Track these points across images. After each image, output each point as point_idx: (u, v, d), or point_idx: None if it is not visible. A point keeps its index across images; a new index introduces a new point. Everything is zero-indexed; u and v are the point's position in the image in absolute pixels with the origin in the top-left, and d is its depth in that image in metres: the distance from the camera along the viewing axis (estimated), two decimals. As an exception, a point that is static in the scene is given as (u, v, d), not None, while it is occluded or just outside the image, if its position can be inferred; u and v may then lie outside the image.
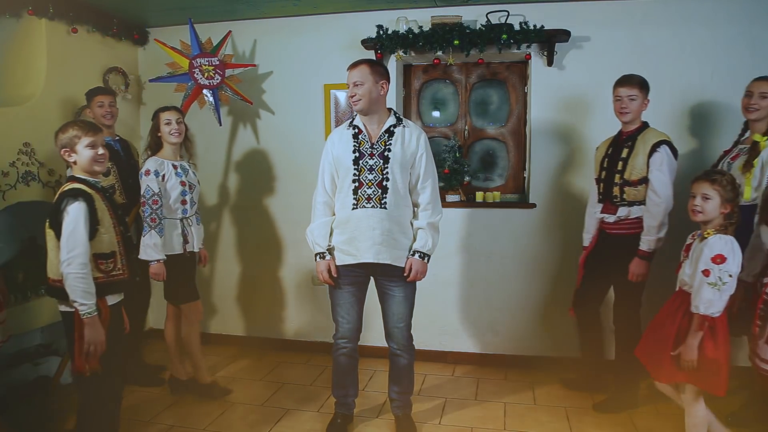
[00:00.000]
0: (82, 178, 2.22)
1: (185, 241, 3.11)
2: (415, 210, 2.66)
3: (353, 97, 2.56)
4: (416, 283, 2.68)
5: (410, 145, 2.60)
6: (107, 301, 2.22)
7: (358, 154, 2.59)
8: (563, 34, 3.38)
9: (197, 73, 3.60)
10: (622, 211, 2.86)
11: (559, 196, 3.59)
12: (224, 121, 3.86)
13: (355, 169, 2.58)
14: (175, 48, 3.64)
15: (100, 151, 2.23)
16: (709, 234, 2.21)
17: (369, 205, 2.56)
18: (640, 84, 2.80)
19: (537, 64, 3.55)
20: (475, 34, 3.40)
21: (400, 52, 3.56)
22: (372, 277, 2.71)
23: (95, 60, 3.74)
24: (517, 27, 3.36)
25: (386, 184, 2.56)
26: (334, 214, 2.68)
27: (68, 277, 2.06)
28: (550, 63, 3.49)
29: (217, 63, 3.62)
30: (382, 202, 2.55)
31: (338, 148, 2.65)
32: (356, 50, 3.62)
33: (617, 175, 2.85)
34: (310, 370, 3.68)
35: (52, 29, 3.38)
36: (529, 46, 3.48)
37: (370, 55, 3.59)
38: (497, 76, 3.86)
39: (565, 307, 3.27)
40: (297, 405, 3.16)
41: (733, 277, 2.13)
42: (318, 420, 2.97)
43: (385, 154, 2.57)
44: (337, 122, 3.79)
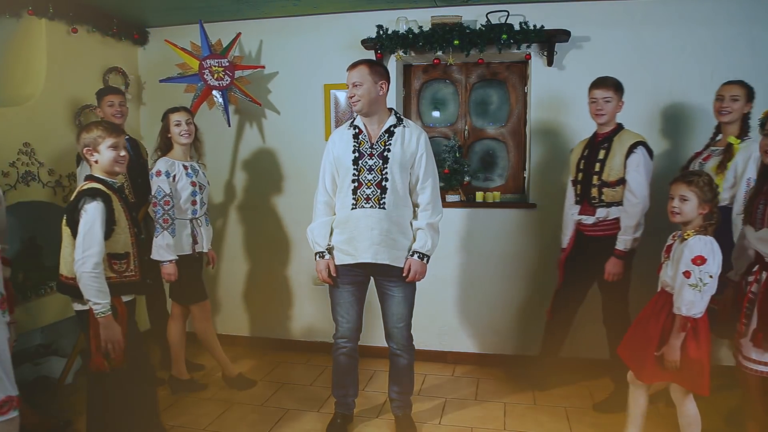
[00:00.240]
0: (101, 178, 2.25)
1: (194, 242, 3.12)
2: (415, 210, 2.66)
3: (352, 97, 2.56)
4: (416, 283, 2.68)
5: (410, 145, 2.60)
6: (122, 299, 2.25)
7: (357, 154, 2.59)
8: (563, 34, 3.38)
9: (207, 74, 3.61)
10: (601, 213, 2.90)
11: (559, 196, 3.55)
12: (223, 121, 3.86)
13: (354, 169, 2.58)
14: (185, 49, 3.65)
15: (122, 153, 2.28)
16: (689, 235, 2.22)
17: (368, 206, 2.56)
18: (615, 86, 2.85)
19: (537, 64, 3.55)
20: (475, 34, 3.40)
21: (400, 52, 3.56)
22: (372, 277, 2.71)
23: (95, 60, 3.74)
24: (517, 27, 3.36)
25: (385, 185, 2.56)
26: (335, 214, 2.68)
27: (82, 277, 2.08)
28: (550, 63, 3.49)
29: (227, 64, 3.63)
30: (381, 202, 2.55)
31: (338, 148, 2.65)
32: (356, 50, 3.62)
33: (595, 177, 2.89)
34: (310, 370, 3.69)
35: (52, 29, 3.38)
36: (529, 46, 3.48)
37: (370, 55, 3.59)
38: (497, 76, 3.85)
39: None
40: (297, 405, 3.17)
41: (713, 278, 2.14)
42: (318, 420, 2.98)
43: (385, 154, 2.57)
44: (337, 122, 3.79)
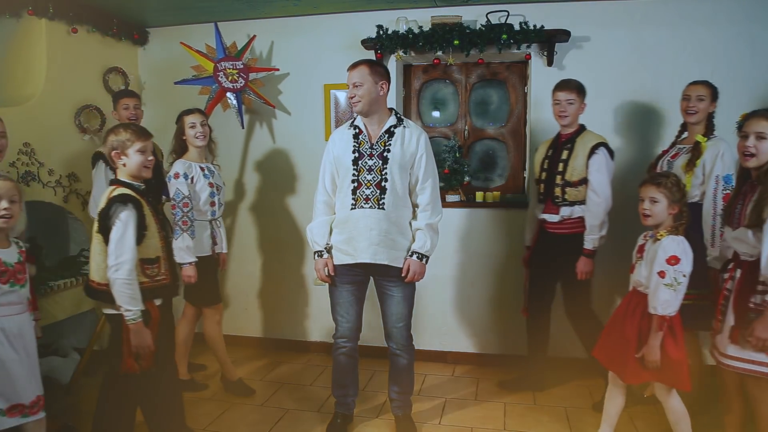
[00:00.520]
0: (127, 182, 2.23)
1: (214, 243, 3.13)
2: (415, 210, 2.66)
3: (353, 98, 2.56)
4: (415, 283, 2.68)
5: (410, 145, 2.59)
6: (155, 303, 2.25)
7: (357, 155, 2.59)
8: (563, 34, 3.38)
9: (221, 77, 3.61)
10: (565, 211, 2.97)
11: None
12: (224, 121, 3.87)
13: (354, 170, 2.58)
14: (200, 51, 3.66)
15: (150, 157, 2.27)
16: (662, 236, 2.26)
17: (367, 206, 2.55)
18: (578, 88, 2.94)
19: (537, 64, 3.55)
20: (475, 34, 3.40)
21: (400, 52, 3.56)
22: (372, 277, 2.71)
23: (95, 60, 3.74)
24: (517, 27, 3.36)
25: (385, 185, 2.56)
26: (334, 213, 2.69)
27: (115, 283, 2.08)
28: (550, 63, 3.49)
29: (242, 67, 3.63)
30: (380, 202, 2.55)
31: (338, 148, 2.65)
32: (356, 50, 3.62)
33: (558, 176, 2.97)
34: (310, 370, 3.69)
35: (52, 29, 3.38)
36: (529, 46, 3.48)
37: (370, 55, 3.58)
38: (497, 76, 3.85)
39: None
40: (297, 405, 3.17)
41: (686, 277, 2.19)
42: (318, 420, 2.97)
43: (385, 154, 2.57)
44: (337, 122, 3.79)
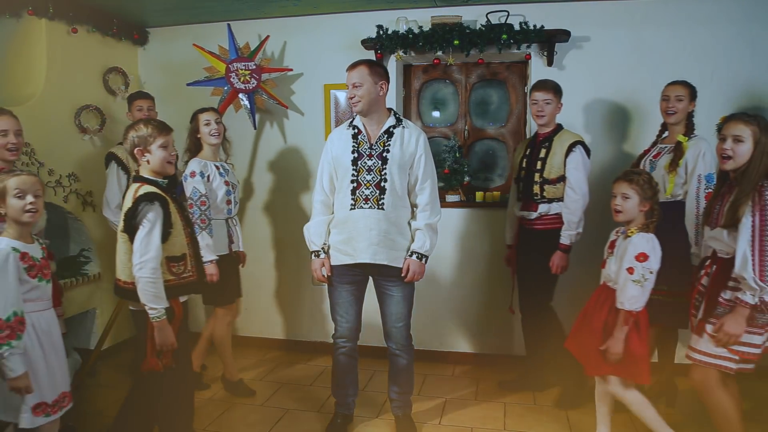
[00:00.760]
0: (151, 179, 2.20)
1: (231, 241, 3.12)
2: (414, 210, 2.66)
3: (353, 98, 2.56)
4: (415, 282, 2.68)
5: (409, 145, 2.60)
6: (179, 300, 2.25)
7: (356, 155, 2.59)
8: (563, 34, 3.38)
9: (233, 78, 3.61)
10: (543, 208, 3.04)
11: (559, 196, 3.58)
12: (227, 121, 3.87)
13: (353, 170, 2.58)
14: (213, 52, 3.66)
15: (172, 152, 2.22)
16: (632, 232, 2.31)
17: (367, 206, 2.55)
18: (554, 89, 2.99)
19: (537, 64, 3.55)
20: (475, 34, 3.40)
21: (400, 52, 3.56)
22: (371, 277, 2.71)
23: (95, 60, 3.74)
24: (517, 27, 3.36)
25: (384, 185, 2.56)
26: (332, 213, 2.68)
27: (140, 282, 2.07)
28: (550, 63, 3.49)
29: (254, 67, 3.63)
30: (380, 203, 2.55)
31: (337, 148, 2.65)
32: (356, 50, 3.62)
33: (537, 174, 3.03)
34: (310, 370, 3.69)
35: (52, 29, 3.38)
36: (529, 46, 3.48)
37: (370, 55, 3.59)
38: (497, 76, 3.85)
39: (564, 307, 3.26)
40: (297, 405, 3.17)
41: (653, 274, 2.24)
42: (318, 420, 2.98)
43: (384, 155, 2.57)
44: (337, 122, 3.79)
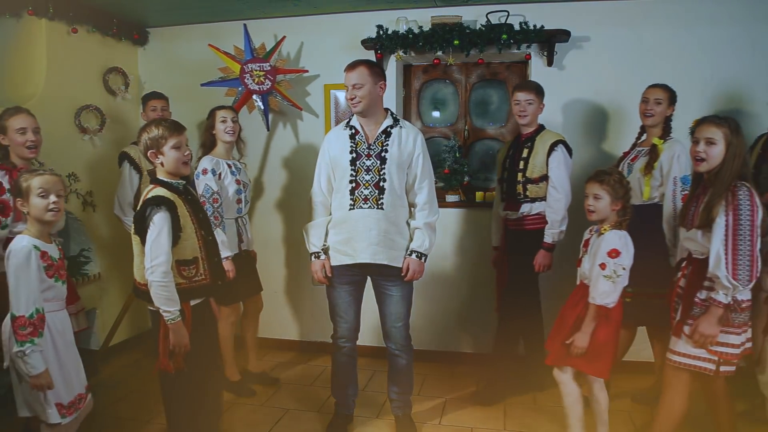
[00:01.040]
0: (166, 181, 2.18)
1: (240, 240, 3.12)
2: (412, 210, 2.67)
3: (353, 99, 2.56)
4: (413, 282, 2.68)
5: (407, 145, 2.60)
6: (190, 303, 2.22)
7: (355, 155, 2.59)
8: (563, 34, 3.38)
9: (248, 79, 3.61)
10: (525, 207, 3.05)
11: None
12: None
13: (352, 170, 2.58)
14: (228, 53, 3.66)
15: (186, 152, 2.18)
16: (605, 230, 2.35)
17: (366, 206, 2.56)
18: (536, 89, 3.02)
19: (537, 64, 3.55)
20: (475, 34, 3.40)
21: (400, 52, 3.56)
22: (369, 277, 2.71)
23: (95, 60, 3.74)
24: (517, 27, 3.36)
25: (383, 185, 2.56)
26: (330, 213, 2.68)
27: (152, 285, 2.08)
28: (550, 63, 3.49)
29: (269, 68, 3.63)
30: (379, 202, 2.55)
31: (335, 149, 2.65)
32: (356, 50, 3.62)
33: (519, 174, 3.04)
34: (310, 370, 3.69)
35: (52, 29, 3.38)
36: (529, 46, 3.48)
37: (370, 55, 3.59)
38: (497, 76, 3.85)
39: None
40: (297, 405, 3.17)
41: (626, 270, 2.28)
42: (318, 420, 2.98)
43: (382, 155, 2.57)
44: (337, 122, 3.79)
